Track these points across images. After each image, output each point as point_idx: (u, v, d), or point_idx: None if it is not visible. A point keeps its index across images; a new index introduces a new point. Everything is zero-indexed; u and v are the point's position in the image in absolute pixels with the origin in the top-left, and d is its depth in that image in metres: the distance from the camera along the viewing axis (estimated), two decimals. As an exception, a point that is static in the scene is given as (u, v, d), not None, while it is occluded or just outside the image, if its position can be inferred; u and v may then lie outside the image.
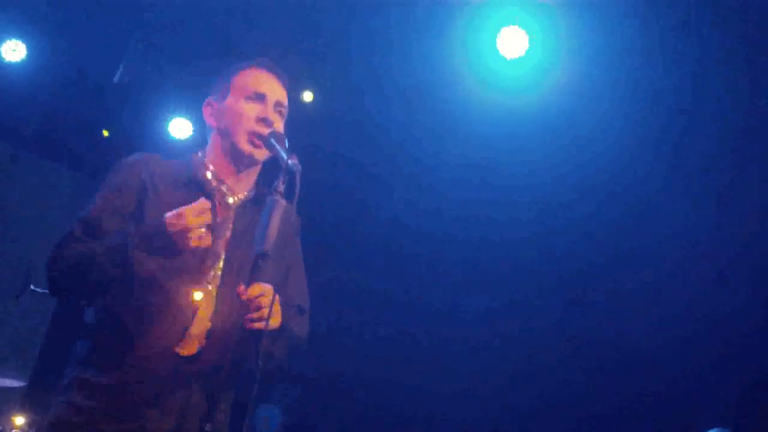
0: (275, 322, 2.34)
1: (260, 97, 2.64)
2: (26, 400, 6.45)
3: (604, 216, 5.56)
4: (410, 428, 6.71)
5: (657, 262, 5.34)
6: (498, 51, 5.19)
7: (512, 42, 5.16)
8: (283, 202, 2.31)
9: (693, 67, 4.66)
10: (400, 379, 6.62)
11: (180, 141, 6.71)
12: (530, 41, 5.12)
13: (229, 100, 2.65)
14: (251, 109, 2.61)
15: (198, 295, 2.44)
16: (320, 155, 5.77)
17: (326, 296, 3.12)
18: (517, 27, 5.12)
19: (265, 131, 2.57)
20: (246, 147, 2.59)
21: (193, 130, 6.71)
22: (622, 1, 4.63)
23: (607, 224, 5.57)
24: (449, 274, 6.50)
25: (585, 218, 5.67)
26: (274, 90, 2.67)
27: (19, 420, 5.82)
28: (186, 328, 2.41)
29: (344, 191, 6.46)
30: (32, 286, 6.04)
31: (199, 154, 2.70)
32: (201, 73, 6.15)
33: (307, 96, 6.27)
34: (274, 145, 2.49)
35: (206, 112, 2.71)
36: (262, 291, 2.28)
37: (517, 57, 5.18)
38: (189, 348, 2.41)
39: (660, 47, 4.67)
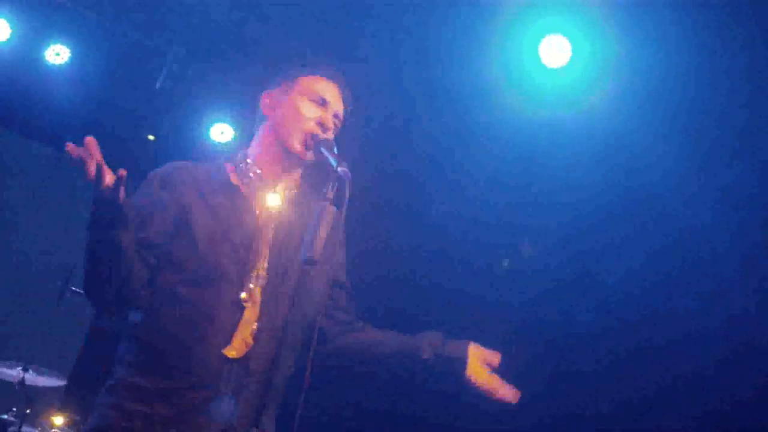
0: None
1: (324, 103, 2.68)
2: (65, 400, 6.52)
3: (648, 234, 5.43)
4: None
5: (705, 280, 5.19)
6: (540, 60, 5.10)
7: (555, 51, 5.06)
8: (332, 209, 2.32)
9: (747, 81, 4.53)
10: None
11: (221, 144, 6.79)
12: (573, 50, 5.01)
13: (292, 96, 2.69)
14: (312, 111, 2.65)
15: (243, 295, 2.44)
16: (358, 163, 5.76)
17: (367, 300, 3.13)
18: (560, 35, 5.04)
19: (321, 134, 2.61)
20: (297, 146, 2.62)
21: (234, 135, 6.79)
22: (671, 10, 4.52)
23: (651, 242, 5.44)
24: (488, 284, 6.43)
25: (626, 235, 5.56)
26: (337, 101, 2.73)
27: (58, 420, 5.87)
28: (233, 329, 2.40)
29: (382, 198, 6.44)
30: (72, 287, 6.13)
31: (241, 153, 2.72)
32: (242, 80, 6.23)
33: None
34: (322, 152, 2.51)
35: (263, 101, 2.75)
36: None
37: (560, 66, 5.08)
38: (237, 350, 2.39)
39: (712, 59, 4.54)
